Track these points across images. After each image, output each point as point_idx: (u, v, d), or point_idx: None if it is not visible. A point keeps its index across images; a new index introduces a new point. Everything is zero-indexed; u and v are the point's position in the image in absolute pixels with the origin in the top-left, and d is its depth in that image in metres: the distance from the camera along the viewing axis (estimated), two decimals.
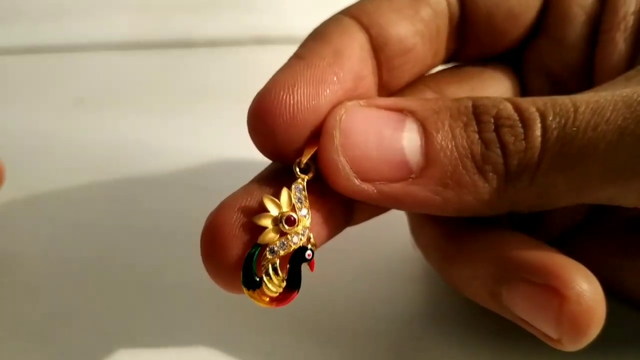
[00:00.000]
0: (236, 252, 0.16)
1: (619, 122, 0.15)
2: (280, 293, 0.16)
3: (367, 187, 0.16)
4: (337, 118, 0.16)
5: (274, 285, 0.16)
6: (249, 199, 0.16)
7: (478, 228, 0.19)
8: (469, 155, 0.16)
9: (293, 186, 0.16)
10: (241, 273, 0.16)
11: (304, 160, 0.17)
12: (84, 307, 0.24)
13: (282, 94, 0.16)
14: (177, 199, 0.31)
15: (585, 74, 0.21)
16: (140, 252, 0.27)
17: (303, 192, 0.16)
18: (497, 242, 0.18)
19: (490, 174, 0.16)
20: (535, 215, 0.23)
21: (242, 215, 0.16)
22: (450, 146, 0.16)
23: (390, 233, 0.24)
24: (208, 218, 0.17)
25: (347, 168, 0.16)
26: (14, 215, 0.29)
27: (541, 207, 0.17)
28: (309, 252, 0.16)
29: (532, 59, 0.22)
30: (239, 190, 0.17)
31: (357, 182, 0.16)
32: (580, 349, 0.16)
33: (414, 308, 0.24)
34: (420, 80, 0.21)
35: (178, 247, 0.27)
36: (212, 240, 0.16)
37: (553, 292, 0.16)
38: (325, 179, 0.17)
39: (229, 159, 0.34)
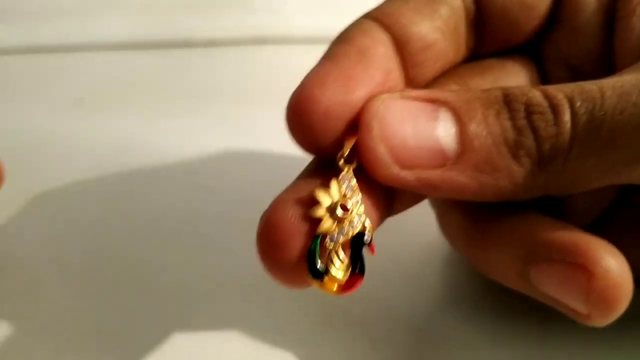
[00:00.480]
0: (297, 247, 0.17)
1: None
2: (347, 279, 0.17)
3: (406, 174, 0.17)
4: (374, 110, 0.17)
5: (339, 272, 0.17)
6: (299, 194, 0.17)
7: (503, 212, 0.20)
8: (503, 141, 0.17)
9: (340, 176, 0.17)
10: (306, 265, 0.16)
11: (346, 151, 0.17)
12: (85, 307, 0.24)
13: (314, 91, 0.17)
14: (178, 199, 0.31)
15: (605, 62, 0.22)
16: (140, 251, 0.27)
17: (352, 180, 0.17)
18: (523, 224, 0.19)
19: (524, 158, 0.17)
20: (557, 206, 0.24)
21: (296, 212, 0.17)
22: (484, 133, 0.17)
23: (415, 221, 0.25)
24: (262, 217, 0.17)
25: (387, 157, 0.17)
26: (14, 215, 0.29)
27: (573, 190, 0.18)
28: (367, 235, 0.17)
29: (550, 49, 0.23)
30: (288, 188, 0.18)
31: (396, 169, 0.17)
32: (609, 323, 0.17)
33: (437, 293, 0.25)
34: (442, 75, 0.22)
35: (179, 246, 0.28)
36: (271, 238, 0.17)
37: (581, 269, 0.16)
38: (366, 168, 0.17)
39: (229, 158, 0.34)
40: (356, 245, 0.17)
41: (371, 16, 0.20)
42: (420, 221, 0.25)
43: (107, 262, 0.27)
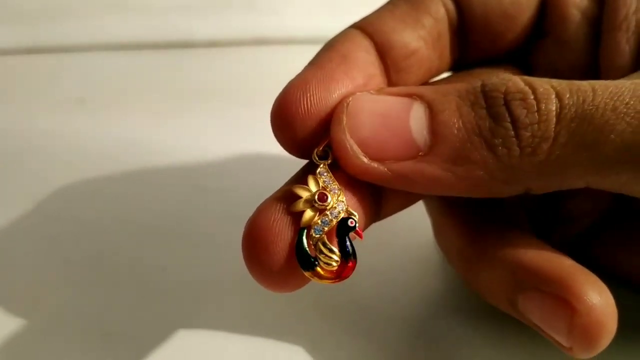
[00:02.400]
0: (283, 247, 0.17)
1: (638, 107, 0.16)
2: (338, 266, 0.17)
3: (377, 165, 0.17)
4: (345, 103, 0.17)
5: (329, 259, 0.17)
6: (282, 198, 0.17)
7: (497, 232, 0.20)
8: (477, 131, 0.16)
9: (317, 171, 0.17)
10: (294, 261, 0.16)
11: (320, 147, 0.18)
12: (85, 307, 0.24)
13: (296, 93, 0.18)
14: (178, 199, 0.31)
15: (593, 74, 0.22)
16: (141, 251, 0.27)
17: (327, 174, 0.17)
18: (514, 248, 0.19)
19: (500, 147, 0.16)
20: (554, 213, 0.24)
21: (279, 213, 0.17)
22: (457, 123, 0.16)
23: (415, 221, 0.25)
24: (247, 223, 0.17)
25: (355, 147, 0.17)
26: (15, 215, 0.29)
27: (557, 187, 0.17)
28: (351, 220, 0.17)
29: (538, 60, 0.23)
30: (271, 195, 0.18)
31: (365, 160, 0.17)
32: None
33: (437, 293, 0.25)
34: (429, 83, 0.22)
35: (179, 246, 0.28)
36: (255, 241, 0.17)
37: (565, 303, 0.16)
38: (338, 161, 0.18)
39: (229, 158, 0.34)
40: (341, 231, 0.17)
41: (356, 25, 0.21)
42: (421, 222, 0.25)
43: (107, 261, 0.27)
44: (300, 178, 0.18)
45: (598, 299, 0.16)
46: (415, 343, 0.23)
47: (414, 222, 0.25)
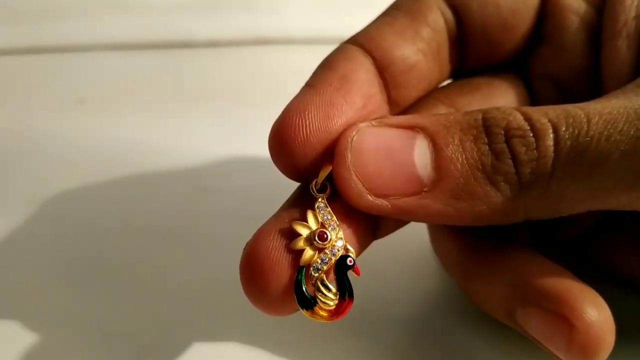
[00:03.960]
0: (281, 278, 0.17)
1: (631, 133, 0.16)
2: (336, 305, 0.17)
3: (380, 202, 0.17)
4: (349, 139, 0.17)
5: (327, 299, 0.17)
6: (281, 225, 0.17)
7: (496, 245, 0.20)
8: (480, 167, 0.16)
9: (316, 206, 0.18)
10: (292, 295, 0.17)
11: (320, 180, 0.18)
12: (85, 307, 0.24)
13: (295, 118, 0.17)
14: (178, 199, 0.31)
15: (592, 80, 0.22)
16: (141, 251, 0.27)
17: (326, 208, 0.17)
18: (514, 263, 0.19)
19: (503, 183, 0.16)
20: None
21: (278, 243, 0.17)
22: (460, 159, 0.17)
23: (413, 226, 0.25)
24: (245, 249, 0.17)
25: (360, 186, 0.17)
26: (14, 215, 0.29)
27: (556, 214, 0.17)
28: (349, 259, 0.17)
29: (537, 66, 0.23)
30: (270, 219, 0.18)
31: (370, 198, 0.17)
32: None
33: (435, 294, 0.25)
34: (431, 95, 0.22)
35: (179, 246, 0.28)
36: (254, 271, 0.17)
37: (563, 320, 0.17)
38: (342, 196, 0.17)
39: (229, 158, 0.34)
40: (340, 270, 0.17)
41: (354, 40, 0.20)
42: (422, 223, 0.25)
43: (107, 261, 0.27)
44: (296, 202, 0.18)
45: (596, 316, 0.16)
46: (415, 343, 0.23)
47: (415, 223, 0.25)
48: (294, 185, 0.19)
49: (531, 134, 0.16)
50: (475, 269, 0.20)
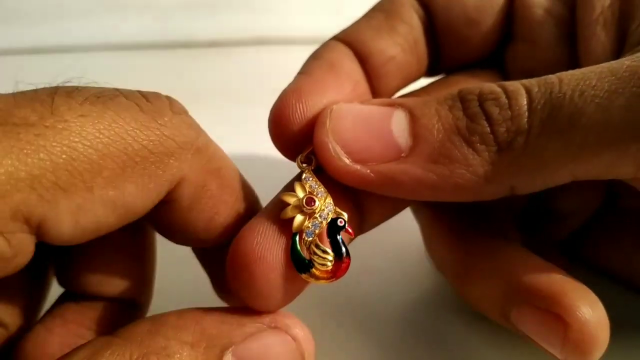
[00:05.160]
0: (266, 275, 0.17)
1: (605, 87, 0.16)
2: (333, 265, 0.17)
3: (360, 167, 0.17)
4: (329, 109, 0.18)
5: (324, 260, 0.17)
6: (270, 211, 0.18)
7: (489, 246, 0.20)
8: (455, 130, 0.17)
9: (302, 177, 0.18)
10: (292, 264, 0.17)
11: (304, 153, 0.18)
12: None
13: (291, 99, 0.18)
14: None
15: None
16: None
17: (313, 178, 0.18)
18: (506, 263, 0.19)
19: (479, 144, 0.17)
20: (547, 214, 0.24)
21: (262, 239, 0.17)
22: (436, 125, 0.17)
23: (411, 226, 0.25)
24: (232, 245, 0.17)
25: (338, 149, 0.17)
26: None
27: (542, 184, 0.17)
28: (340, 220, 0.17)
29: (512, 63, 0.23)
30: (255, 216, 0.18)
31: (348, 162, 0.17)
32: None
33: (434, 294, 0.25)
34: (411, 94, 0.23)
35: (179, 246, 0.28)
36: (239, 269, 0.17)
37: (557, 318, 0.17)
38: (321, 164, 0.18)
39: (229, 157, 0.34)
40: (332, 232, 0.17)
41: (335, 37, 0.22)
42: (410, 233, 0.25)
43: None
44: (287, 188, 0.18)
45: (590, 313, 0.17)
46: (415, 343, 0.23)
47: (413, 222, 0.25)
48: None
49: (504, 96, 0.17)
50: (469, 271, 0.20)
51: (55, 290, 0.20)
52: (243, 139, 0.35)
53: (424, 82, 0.24)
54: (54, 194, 0.14)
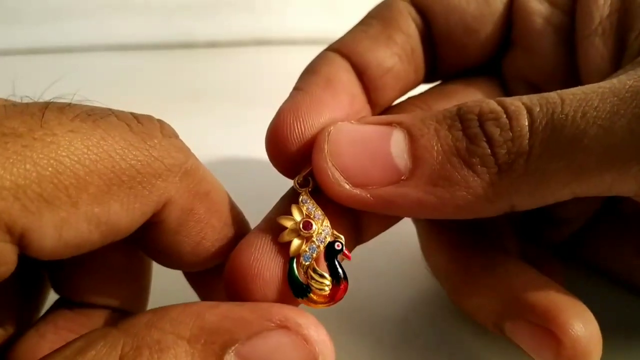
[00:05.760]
0: (263, 289, 0.17)
1: (607, 108, 0.16)
2: (330, 290, 0.17)
3: (359, 192, 0.17)
4: (326, 132, 0.17)
5: (321, 285, 0.17)
6: (267, 230, 0.17)
7: (485, 258, 0.20)
8: (455, 152, 0.17)
9: (299, 200, 0.18)
10: (290, 288, 0.17)
11: (302, 176, 0.18)
12: None
13: (289, 118, 0.18)
14: None
15: (568, 82, 0.22)
16: None
17: (310, 201, 0.18)
18: (502, 276, 0.19)
19: (479, 166, 0.16)
20: (546, 217, 0.24)
21: (259, 254, 0.17)
22: (435, 146, 0.17)
23: (412, 227, 0.25)
24: (230, 259, 0.17)
25: (337, 174, 0.17)
26: None
27: (542, 201, 0.17)
28: (337, 243, 0.17)
29: (511, 70, 0.23)
30: (253, 230, 0.18)
31: (348, 187, 0.17)
32: None
33: (435, 295, 0.25)
34: (409, 102, 0.22)
35: None
36: (236, 284, 0.17)
37: (550, 334, 0.17)
38: (321, 188, 0.18)
39: (229, 157, 0.34)
40: (330, 255, 0.17)
41: (332, 48, 0.21)
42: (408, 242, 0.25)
43: None
44: (284, 207, 0.18)
45: (583, 331, 0.17)
46: (415, 343, 0.23)
47: (411, 224, 0.25)
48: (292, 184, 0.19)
49: (505, 116, 0.16)
50: (465, 282, 0.20)
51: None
52: (243, 138, 0.35)
53: (422, 88, 0.23)
54: (38, 206, 0.14)
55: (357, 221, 0.19)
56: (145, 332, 0.14)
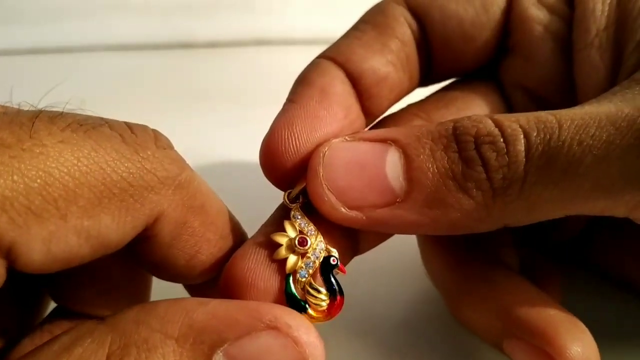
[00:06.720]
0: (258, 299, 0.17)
1: (604, 138, 0.16)
2: (328, 304, 0.17)
3: (355, 214, 0.17)
4: (321, 154, 0.17)
5: (318, 300, 0.17)
6: (262, 245, 0.17)
7: (484, 272, 0.20)
8: (450, 175, 0.16)
9: (291, 215, 0.18)
10: (287, 305, 0.17)
11: (294, 193, 0.18)
12: None
13: (283, 133, 0.18)
14: None
15: (565, 89, 0.22)
16: None
17: (302, 217, 0.18)
18: (501, 292, 0.19)
19: (474, 190, 0.16)
20: (546, 222, 0.24)
21: (253, 264, 0.17)
22: (431, 168, 0.17)
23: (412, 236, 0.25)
24: (224, 270, 0.17)
25: (333, 199, 0.17)
26: None
27: (533, 220, 0.17)
28: (332, 258, 0.17)
29: (508, 76, 0.23)
30: (247, 241, 0.18)
31: (344, 210, 0.17)
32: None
33: (435, 295, 0.25)
34: (408, 110, 0.22)
35: None
36: (231, 294, 0.17)
37: (547, 356, 0.17)
38: (318, 210, 0.18)
39: (229, 158, 0.34)
40: (325, 270, 0.17)
41: (326, 55, 0.21)
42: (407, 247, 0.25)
43: None
44: (276, 222, 0.18)
45: (579, 352, 0.17)
46: (415, 343, 0.23)
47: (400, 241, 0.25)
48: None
49: (502, 140, 0.16)
50: (463, 294, 0.20)
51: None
52: (243, 138, 0.34)
53: (417, 91, 0.23)
54: (25, 219, 0.13)
55: (354, 235, 0.19)
56: (133, 329, 0.14)
